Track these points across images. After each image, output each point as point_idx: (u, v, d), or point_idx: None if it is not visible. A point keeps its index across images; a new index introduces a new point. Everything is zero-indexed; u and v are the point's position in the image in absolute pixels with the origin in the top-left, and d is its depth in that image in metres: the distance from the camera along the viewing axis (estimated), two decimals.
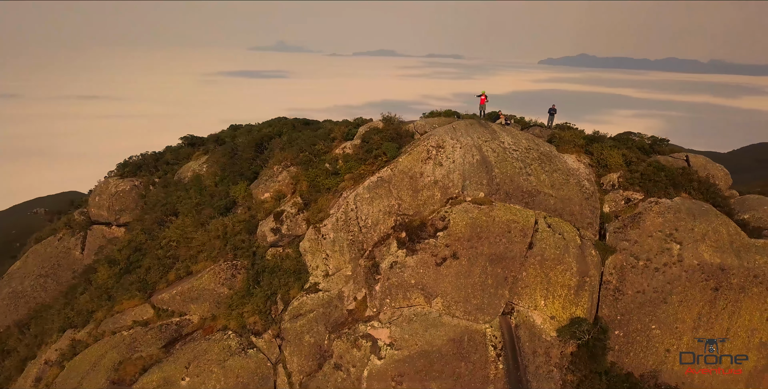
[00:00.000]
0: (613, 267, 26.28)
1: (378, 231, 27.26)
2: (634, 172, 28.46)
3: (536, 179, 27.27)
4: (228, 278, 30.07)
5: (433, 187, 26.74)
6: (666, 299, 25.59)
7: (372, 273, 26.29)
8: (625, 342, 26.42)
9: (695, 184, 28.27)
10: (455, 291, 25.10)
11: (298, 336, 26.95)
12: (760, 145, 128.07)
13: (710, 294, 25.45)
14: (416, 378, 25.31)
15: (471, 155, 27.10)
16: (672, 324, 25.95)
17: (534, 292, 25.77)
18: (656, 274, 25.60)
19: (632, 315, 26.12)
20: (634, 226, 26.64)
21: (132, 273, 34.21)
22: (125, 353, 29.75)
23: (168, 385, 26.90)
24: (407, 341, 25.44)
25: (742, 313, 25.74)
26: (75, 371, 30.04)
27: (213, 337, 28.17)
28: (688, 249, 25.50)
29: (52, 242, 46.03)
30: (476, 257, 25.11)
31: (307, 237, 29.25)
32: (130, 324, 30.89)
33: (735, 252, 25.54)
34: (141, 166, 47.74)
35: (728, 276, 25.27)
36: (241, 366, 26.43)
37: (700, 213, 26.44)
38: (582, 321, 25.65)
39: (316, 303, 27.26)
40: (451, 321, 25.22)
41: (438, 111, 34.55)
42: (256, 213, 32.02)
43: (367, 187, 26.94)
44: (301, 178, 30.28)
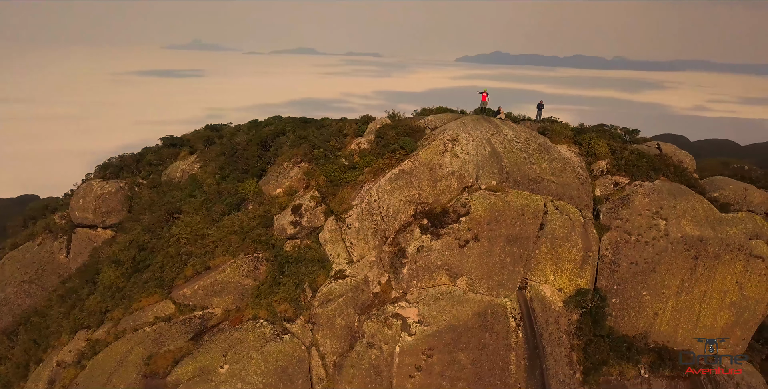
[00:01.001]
0: (609, 243, 29.87)
1: (399, 219, 29.55)
2: (619, 159, 32.30)
3: (539, 167, 30.46)
4: (251, 270, 31.43)
5: (451, 177, 29.33)
6: (655, 268, 29.43)
7: (398, 257, 28.57)
8: (621, 308, 30.10)
9: (671, 168, 32.46)
10: (478, 270, 27.84)
11: (329, 320, 28.81)
12: (662, 135, 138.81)
13: (691, 262, 29.50)
14: (445, 351, 27.89)
15: (483, 147, 29.91)
16: (660, 290, 29.85)
17: (545, 268, 28.95)
18: (646, 247, 29.39)
19: (627, 284, 29.82)
20: (624, 206, 30.34)
21: (143, 272, 34.71)
22: (152, 348, 30.52)
23: (205, 374, 28.05)
24: (435, 317, 27.95)
25: (716, 277, 29.97)
26: (100, 369, 30.51)
27: (244, 327, 29.48)
28: (673, 224, 29.44)
29: (31, 247, 45.21)
30: (495, 238, 27.96)
31: (327, 228, 31.09)
32: (152, 321, 31.58)
33: (710, 225, 29.73)
34: (122, 167, 47.50)
35: (706, 246, 29.40)
36: (278, 351, 27.99)
37: (679, 193, 30.50)
38: (586, 291, 29.09)
39: (345, 289, 29.21)
40: (475, 297, 27.95)
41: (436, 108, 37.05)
42: (270, 208, 33.43)
43: (389, 179, 29.15)
44: (317, 173, 31.99)
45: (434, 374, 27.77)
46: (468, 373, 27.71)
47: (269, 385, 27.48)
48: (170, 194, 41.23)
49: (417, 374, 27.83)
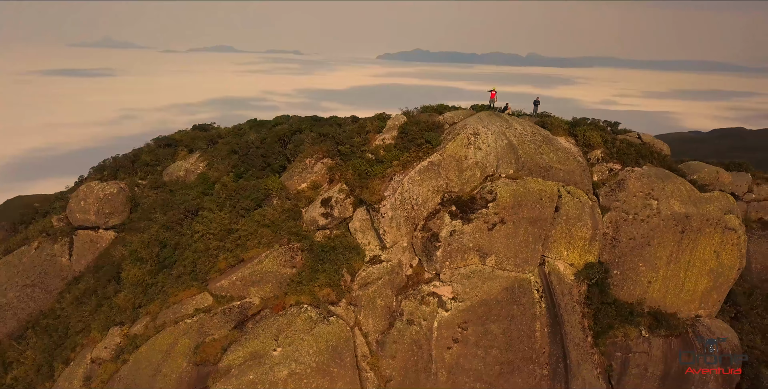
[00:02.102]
0: (610, 222, 34.04)
1: (427, 207, 32.48)
2: (612, 148, 36.63)
3: (547, 157, 34.21)
4: (288, 260, 33.43)
5: (475, 167, 32.53)
6: (649, 242, 33.88)
7: (431, 242, 31.53)
8: (621, 278, 34.38)
9: (655, 155, 37.16)
10: (506, 249, 31.25)
11: (371, 301, 31.36)
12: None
13: (678, 236, 34.16)
14: (478, 323, 31.14)
15: (500, 140, 33.30)
16: (653, 262, 34.35)
17: (560, 245, 32.74)
18: (642, 224, 33.77)
19: (626, 257, 34.12)
20: (620, 189, 34.63)
21: (171, 268, 35.85)
22: (197, 338, 31.97)
23: (258, 358, 29.90)
24: (468, 294, 31.12)
25: (698, 248, 34.80)
26: (146, 361, 31.68)
27: (289, 312, 31.44)
28: (663, 203, 33.97)
29: (27, 252, 44.98)
30: (519, 221, 31.44)
31: (358, 218, 33.61)
32: (192, 313, 32.94)
33: (693, 203, 34.51)
34: (118, 168, 47.75)
35: (690, 221, 34.13)
36: (328, 332, 30.22)
37: (665, 177, 35.12)
38: (594, 264, 33.16)
39: (382, 272, 31.84)
40: (503, 274, 31.35)
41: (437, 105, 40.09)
42: (297, 202, 35.48)
43: (419, 171, 31.99)
44: (344, 168, 34.35)
45: (470, 344, 30.97)
46: (500, 342, 31.09)
47: (322, 364, 29.71)
48: (180, 193, 42.24)
49: (454, 345, 30.93)
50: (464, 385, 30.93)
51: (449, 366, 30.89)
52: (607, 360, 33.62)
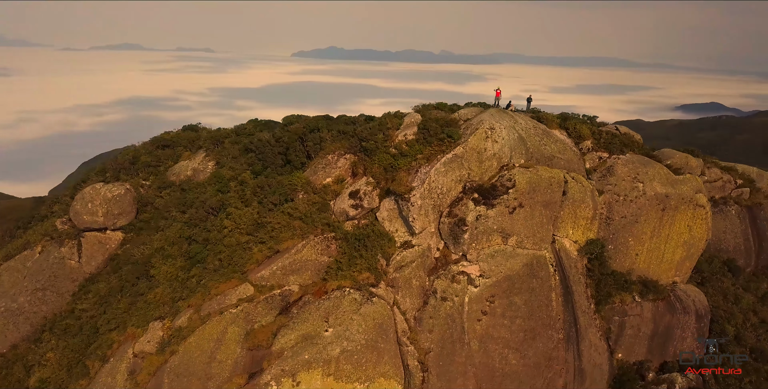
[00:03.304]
0: (604, 203, 38.99)
1: (450, 196, 36.08)
2: (599, 139, 41.67)
3: (549, 148, 38.65)
4: (324, 248, 36.04)
5: (492, 158, 36.40)
6: (637, 219, 39.12)
7: (458, 226, 35.15)
8: (614, 252, 39.44)
9: (635, 144, 42.57)
10: (525, 230, 35.39)
11: (407, 282, 34.62)
12: None
13: (660, 213, 39.60)
14: (503, 296, 35.12)
15: (512, 133, 37.35)
16: (639, 237, 39.65)
17: (566, 225, 37.28)
18: (631, 204, 38.94)
19: (618, 233, 39.20)
20: (610, 175, 39.66)
21: (205, 262, 37.43)
22: (244, 325, 34.06)
23: (309, 339, 32.43)
24: (493, 271, 35.03)
25: (675, 223, 40.43)
26: (198, 350, 33.44)
27: (333, 296, 34.06)
28: (648, 185, 39.28)
29: (31, 256, 44.98)
30: (534, 205, 35.65)
31: (385, 208, 36.72)
32: (236, 302, 34.91)
33: (671, 184, 40.06)
34: (119, 170, 48.19)
35: (669, 200, 39.65)
36: (373, 311, 33.16)
37: (646, 162, 40.51)
38: (595, 241, 38.00)
39: (415, 255, 35.16)
40: (523, 252, 35.48)
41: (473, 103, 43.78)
42: (325, 195, 38.09)
43: (443, 162, 35.49)
44: (369, 162, 37.29)
45: (497, 315, 34.91)
46: (522, 311, 35.23)
47: (370, 340, 32.66)
48: (194, 191, 43.57)
49: (483, 317, 34.77)
50: (494, 352, 34.86)
51: (480, 335, 34.69)
52: (606, 323, 38.61)
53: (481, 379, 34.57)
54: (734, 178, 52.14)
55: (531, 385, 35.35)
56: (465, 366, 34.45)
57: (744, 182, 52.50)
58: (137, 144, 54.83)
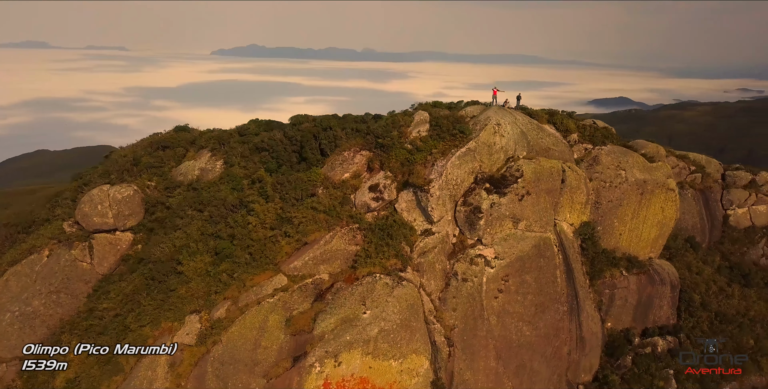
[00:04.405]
0: (593, 189, 43.75)
1: (463, 186, 39.67)
2: (583, 132, 46.50)
3: (545, 141, 42.98)
4: (351, 239, 38.74)
5: (500, 151, 40.24)
6: (621, 203, 44.18)
7: (474, 213, 38.81)
8: (603, 233, 44.34)
9: (613, 136, 47.70)
10: (533, 215, 39.49)
11: (431, 266, 37.95)
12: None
13: (639, 197, 44.84)
14: (516, 275, 39.09)
15: (515, 128, 41.34)
16: (623, 218, 44.75)
17: (564, 210, 41.72)
18: (616, 190, 43.93)
19: (606, 216, 44.11)
20: (597, 164, 44.50)
21: (234, 256, 39.18)
22: (284, 313, 36.38)
23: (349, 321, 35.19)
24: (506, 253, 38.92)
25: (651, 206, 45.81)
26: (241, 338, 35.52)
27: (365, 281, 36.84)
28: (629, 172, 44.40)
29: (39, 260, 45.11)
30: (539, 192, 39.82)
31: (403, 199, 39.87)
32: (272, 292, 37.08)
33: (647, 171, 45.39)
34: (122, 171, 48.68)
35: (646, 185, 44.95)
36: (405, 293, 36.24)
37: (625, 152, 45.67)
38: (588, 223, 42.72)
39: (436, 242, 38.51)
40: (531, 235, 39.58)
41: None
42: (344, 189, 40.72)
43: (458, 156, 39.01)
44: (385, 158, 40.23)
45: (511, 292, 38.85)
46: (533, 288, 39.33)
47: (404, 320, 35.76)
48: (208, 190, 44.94)
49: (500, 294, 38.60)
50: (510, 325, 38.79)
51: (497, 311, 38.52)
52: (598, 296, 43.47)
53: (501, 350, 38.42)
54: (688, 164, 58.89)
55: (542, 353, 39.55)
56: (486, 340, 38.19)
57: (696, 168, 59.40)
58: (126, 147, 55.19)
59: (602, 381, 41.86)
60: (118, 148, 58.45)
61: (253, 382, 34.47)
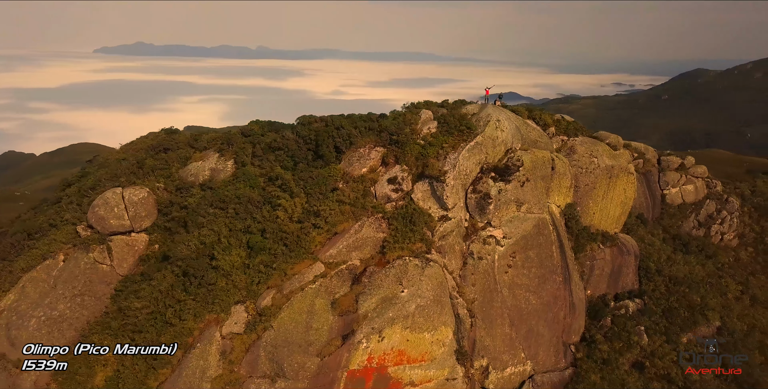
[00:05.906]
0: (572, 175, 50.39)
1: (471, 176, 44.83)
2: (559, 126, 53.06)
3: (532, 134, 49.03)
4: (378, 227, 42.76)
5: (501, 144, 45.69)
6: (595, 186, 51.22)
7: (484, 199, 44.08)
8: (582, 212, 51.20)
9: (581, 129, 54.68)
10: (533, 199, 45.37)
11: (451, 248, 42.82)
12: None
13: (608, 180, 52.13)
14: (522, 251, 44.85)
15: (511, 124, 46.92)
16: (596, 199, 51.86)
17: (554, 193, 48.01)
18: (590, 175, 50.88)
19: (584, 198, 50.99)
20: (573, 153, 51.23)
21: (267, 249, 41.92)
22: (327, 297, 39.95)
23: (389, 300, 39.31)
24: (513, 232, 44.56)
25: (616, 188, 53.31)
26: (292, 322, 38.77)
27: (396, 264, 40.93)
28: (600, 159, 51.51)
29: (55, 265, 45.56)
30: (536, 179, 45.79)
31: (419, 190, 44.39)
32: (312, 279, 40.41)
33: (613, 158, 52.76)
34: (130, 174, 49.44)
35: (613, 170, 52.31)
36: (434, 272, 40.75)
37: (594, 142, 52.79)
38: (571, 204, 49.32)
39: (453, 226, 43.43)
40: (532, 216, 45.47)
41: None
42: (364, 183, 44.60)
43: (468, 149, 44.04)
44: (400, 153, 44.52)
45: (518, 267, 44.55)
46: (535, 262, 45.28)
47: (436, 296, 40.37)
48: (225, 189, 47.01)
49: (509, 269, 44.18)
50: (519, 296, 44.49)
51: (508, 284, 44.09)
52: (581, 267, 50.25)
53: (513, 318, 44.04)
54: (632, 151, 67.72)
55: (545, 319, 45.62)
56: (501, 309, 43.66)
57: (638, 155, 68.47)
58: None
59: (589, 340, 48.62)
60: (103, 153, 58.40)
61: (309, 361, 37.78)
